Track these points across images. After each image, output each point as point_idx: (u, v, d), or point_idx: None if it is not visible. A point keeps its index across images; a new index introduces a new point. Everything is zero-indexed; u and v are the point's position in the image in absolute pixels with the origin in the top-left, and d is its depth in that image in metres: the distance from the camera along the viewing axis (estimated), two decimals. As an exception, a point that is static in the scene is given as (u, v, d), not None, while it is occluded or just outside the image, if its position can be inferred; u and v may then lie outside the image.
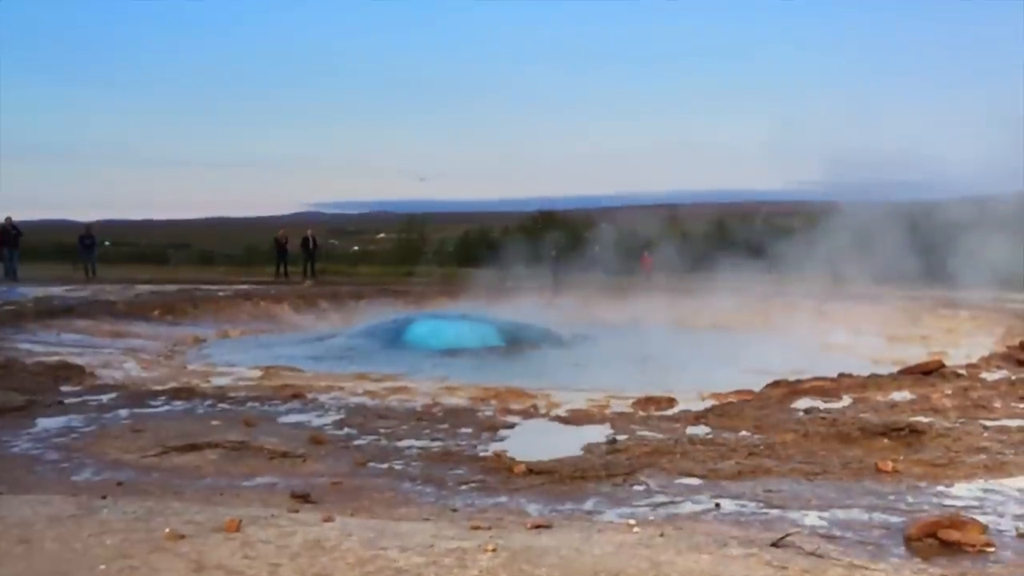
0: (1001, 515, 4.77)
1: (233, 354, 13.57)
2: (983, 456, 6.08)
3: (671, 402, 8.59)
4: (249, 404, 8.23)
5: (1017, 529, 4.48)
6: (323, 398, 8.70)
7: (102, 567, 3.62)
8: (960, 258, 18.48)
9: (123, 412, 7.76)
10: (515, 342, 15.26)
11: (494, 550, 3.81)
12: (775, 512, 4.81)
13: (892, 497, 5.14)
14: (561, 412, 8.21)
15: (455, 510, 4.85)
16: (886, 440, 6.51)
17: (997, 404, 8.05)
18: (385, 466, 5.95)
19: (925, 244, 19.14)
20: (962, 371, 10.05)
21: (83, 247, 25.76)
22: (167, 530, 4.05)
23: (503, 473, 5.72)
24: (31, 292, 18.71)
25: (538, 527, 4.35)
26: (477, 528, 4.27)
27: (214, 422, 7.30)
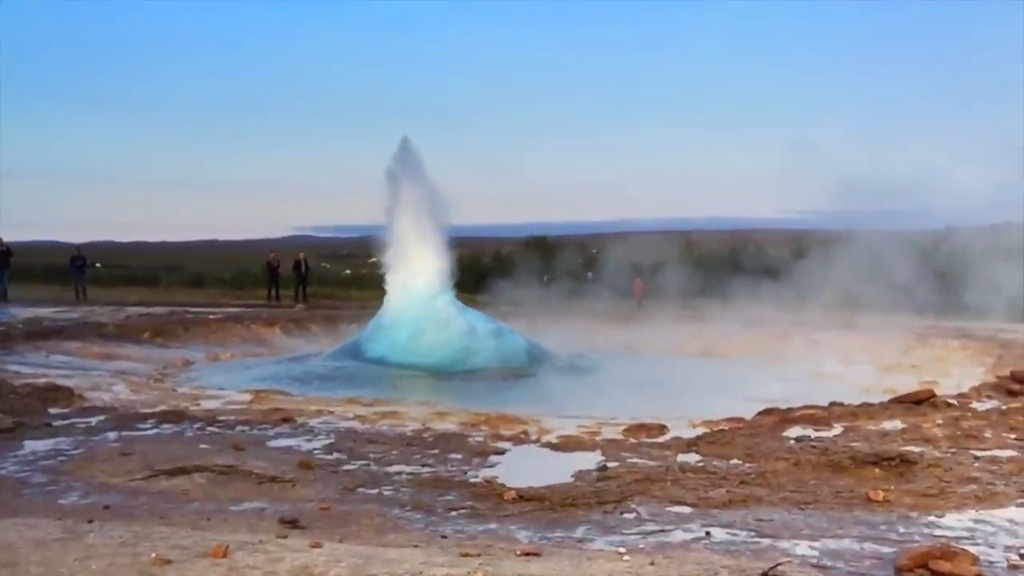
0: (992, 546, 4.76)
1: (223, 377, 13.51)
2: (974, 486, 6.08)
3: (662, 429, 8.57)
4: (238, 428, 8.19)
5: (1008, 560, 4.48)
6: (313, 422, 8.65)
7: (87, 592, 3.58)
8: (961, 288, 18.55)
9: (111, 435, 7.71)
10: (506, 367, 15.20)
11: (483, 578, 3.78)
12: (766, 541, 4.79)
13: (883, 527, 5.13)
14: (552, 438, 8.18)
15: (444, 537, 4.82)
16: (877, 469, 6.51)
17: (988, 434, 8.06)
18: (374, 491, 5.92)
19: (922, 273, 19.22)
20: (953, 401, 10.07)
21: (74, 268, 25.70)
22: (153, 555, 4.01)
23: (493, 500, 5.69)
24: (21, 313, 18.62)
25: (528, 555, 4.32)
26: (467, 555, 4.24)
27: (203, 446, 7.26)
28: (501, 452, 7.44)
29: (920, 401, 9.76)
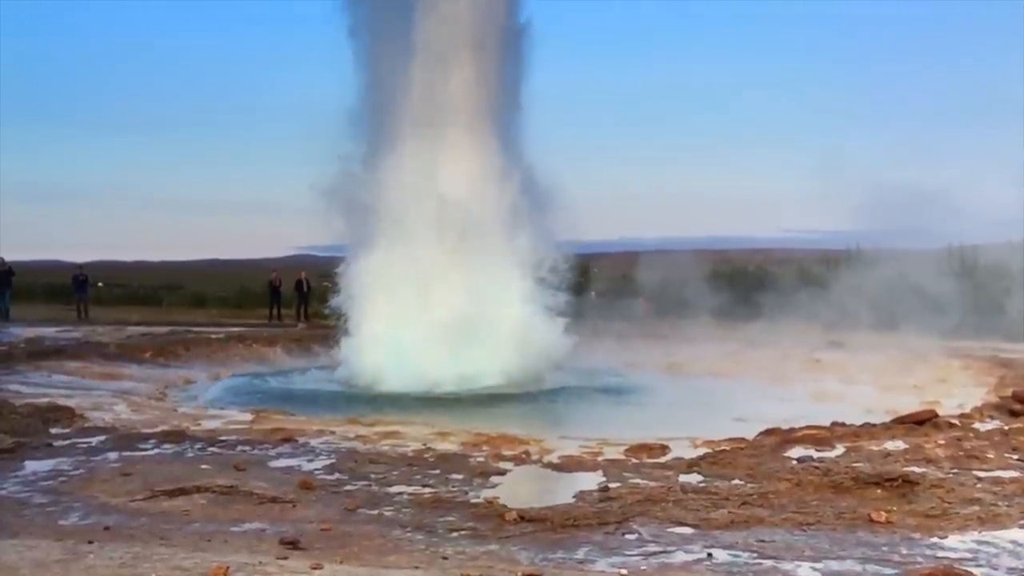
0: (995, 567, 4.75)
1: (224, 396, 13.50)
2: (977, 507, 6.06)
3: (664, 449, 8.55)
4: (239, 448, 8.18)
5: (1011, 582, 4.46)
6: (314, 442, 8.63)
7: (87, 614, 3.57)
8: (984, 307, 18.44)
9: (112, 455, 7.70)
10: (508, 385, 15.13)
11: (485, 599, 3.78)
12: (768, 563, 4.78)
13: (886, 548, 5.11)
14: (553, 458, 8.16)
15: (445, 558, 4.81)
16: (879, 490, 6.49)
17: (990, 454, 8.03)
18: (375, 512, 5.91)
19: (945, 291, 19.15)
20: (955, 421, 10.03)
21: (76, 285, 25.81)
22: (154, 576, 4.01)
23: (494, 520, 5.67)
24: (23, 333, 18.64)
25: (529, 576, 4.31)
26: (468, 576, 4.24)
27: (203, 466, 7.25)
28: (502, 472, 7.42)
29: (922, 421, 9.73)
